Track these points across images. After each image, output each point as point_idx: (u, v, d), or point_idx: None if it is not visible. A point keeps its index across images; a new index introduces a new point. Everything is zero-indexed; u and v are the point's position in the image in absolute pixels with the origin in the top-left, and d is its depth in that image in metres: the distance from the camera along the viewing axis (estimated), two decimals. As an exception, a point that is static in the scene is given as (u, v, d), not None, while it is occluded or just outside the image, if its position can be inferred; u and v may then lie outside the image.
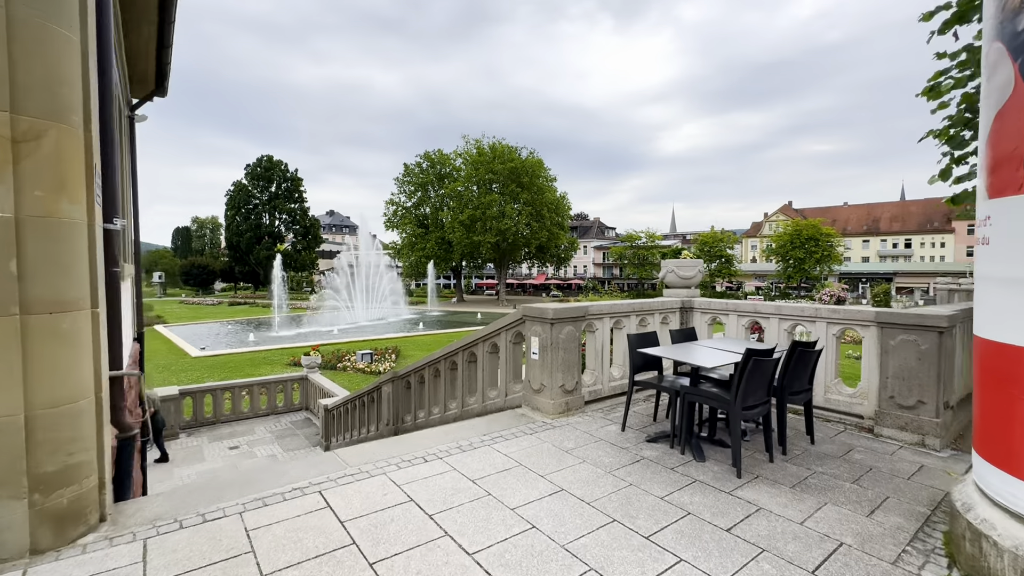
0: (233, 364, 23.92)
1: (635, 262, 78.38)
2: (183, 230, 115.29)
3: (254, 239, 75.75)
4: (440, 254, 61.77)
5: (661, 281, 6.91)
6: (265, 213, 77.52)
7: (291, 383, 12.19)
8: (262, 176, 77.35)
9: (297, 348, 28.11)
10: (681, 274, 6.95)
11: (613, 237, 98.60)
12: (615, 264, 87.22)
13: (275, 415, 11.94)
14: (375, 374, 21.74)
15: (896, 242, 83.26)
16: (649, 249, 78.25)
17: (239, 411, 11.41)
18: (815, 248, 62.72)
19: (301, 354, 24.01)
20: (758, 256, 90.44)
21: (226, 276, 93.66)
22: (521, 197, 58.45)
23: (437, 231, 62.22)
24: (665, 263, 7.29)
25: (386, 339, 31.79)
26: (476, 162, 59.05)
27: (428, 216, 65.54)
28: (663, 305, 6.40)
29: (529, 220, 59.90)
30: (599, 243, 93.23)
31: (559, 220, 64.48)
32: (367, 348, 27.52)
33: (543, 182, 61.26)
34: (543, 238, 61.18)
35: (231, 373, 21.94)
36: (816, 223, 64.44)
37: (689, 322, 6.70)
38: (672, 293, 7.08)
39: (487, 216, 56.22)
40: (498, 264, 65.80)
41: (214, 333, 36.80)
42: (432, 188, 65.90)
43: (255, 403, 11.62)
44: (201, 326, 41.51)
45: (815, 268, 64.07)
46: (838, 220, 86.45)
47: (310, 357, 12.33)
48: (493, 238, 56.59)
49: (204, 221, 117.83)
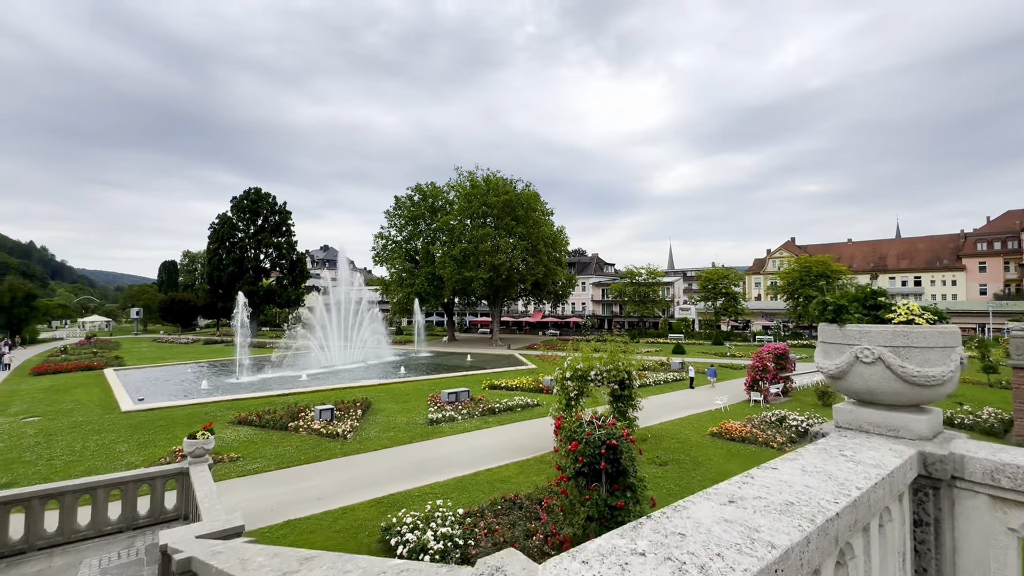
0: (165, 421, 19.84)
1: (636, 299, 74.93)
2: (169, 264, 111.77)
3: (237, 274, 72.13)
4: (430, 290, 58.24)
5: (828, 376, 2.81)
6: (250, 247, 74.21)
7: (162, 480, 8.28)
8: (248, 209, 74.48)
9: (251, 400, 24.05)
10: (911, 367, 2.61)
11: (612, 274, 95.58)
12: (615, 301, 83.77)
13: (132, 531, 7.94)
14: (332, 437, 17.73)
15: (905, 280, 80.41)
16: (651, 286, 74.98)
17: (73, 529, 7.45)
18: (826, 285, 59.54)
19: (229, 416, 19.77)
20: (763, 294, 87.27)
21: (208, 312, 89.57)
22: (516, 231, 55.49)
23: (428, 266, 58.89)
24: (849, 330, 2.80)
25: (358, 387, 27.72)
26: (469, 195, 56.38)
27: (419, 250, 62.36)
28: (868, 482, 1.99)
29: (524, 255, 56.77)
30: (598, 280, 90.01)
31: (556, 255, 61.39)
32: (333, 399, 23.51)
33: (539, 215, 58.49)
34: (539, 274, 57.85)
35: (155, 435, 17.88)
36: (825, 259, 61.55)
37: (945, 526, 2.45)
38: (873, 421, 2.76)
39: (480, 251, 53.04)
40: (492, 301, 62.18)
41: (166, 379, 32.61)
42: (424, 221, 63.04)
43: (99, 515, 7.66)
44: (159, 369, 37.30)
45: (827, 306, 60.71)
46: (843, 257, 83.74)
47: (196, 441, 8.47)
48: (486, 274, 53.22)
49: (196, 255, 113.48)
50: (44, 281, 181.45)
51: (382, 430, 18.90)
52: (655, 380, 30.26)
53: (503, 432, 19.06)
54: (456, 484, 13.49)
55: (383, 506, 12.00)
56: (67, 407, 22.68)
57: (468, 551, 9.31)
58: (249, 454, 15.86)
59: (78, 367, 34.72)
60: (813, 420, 19.27)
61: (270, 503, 12.25)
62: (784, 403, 24.58)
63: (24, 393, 26.25)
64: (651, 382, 29.49)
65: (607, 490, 7.95)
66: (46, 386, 28.39)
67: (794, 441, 17.52)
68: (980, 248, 75.62)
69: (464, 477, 14.04)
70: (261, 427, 19.00)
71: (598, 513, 7.73)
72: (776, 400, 25.27)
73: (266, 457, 15.60)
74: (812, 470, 2.11)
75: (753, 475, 2.05)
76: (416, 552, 9.07)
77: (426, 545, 9.10)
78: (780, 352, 25.89)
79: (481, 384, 29.03)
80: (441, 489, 13.12)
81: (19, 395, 25.73)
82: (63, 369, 33.75)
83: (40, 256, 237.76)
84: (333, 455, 15.93)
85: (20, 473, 13.96)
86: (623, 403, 17.08)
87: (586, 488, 8.07)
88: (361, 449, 16.58)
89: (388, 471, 14.54)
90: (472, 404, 22.61)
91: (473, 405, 22.41)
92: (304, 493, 12.88)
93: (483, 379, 30.88)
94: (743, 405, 24.06)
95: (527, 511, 11.29)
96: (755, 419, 19.61)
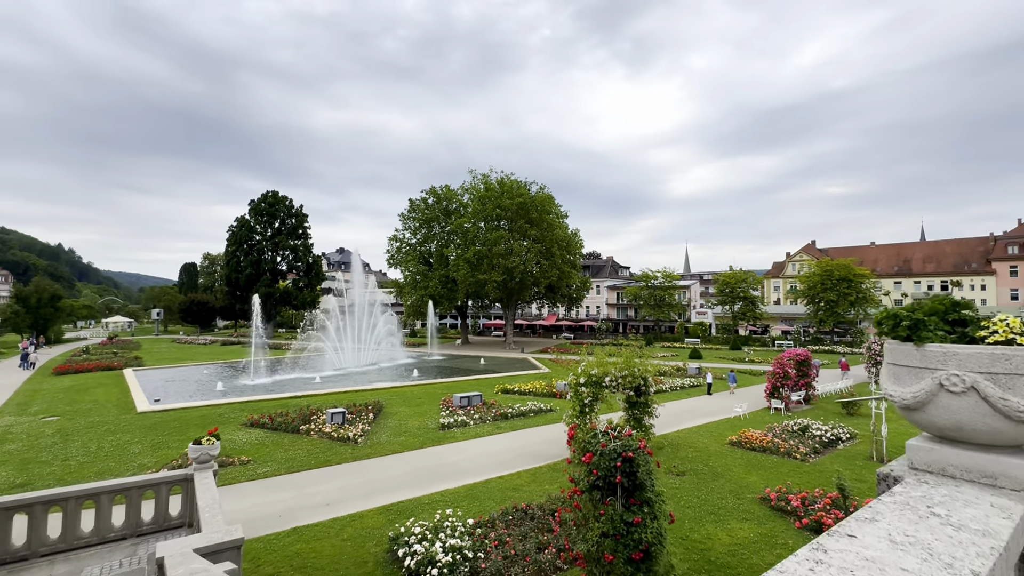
0: (179, 422, 19.93)
1: (652, 303, 73.94)
2: (189, 266, 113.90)
3: (254, 276, 73.12)
4: (444, 293, 58.19)
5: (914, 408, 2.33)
6: (267, 249, 75.23)
7: (167, 486, 8.12)
8: (266, 212, 75.55)
9: (264, 402, 24.10)
10: (1016, 400, 2.11)
11: (627, 277, 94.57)
12: (630, 305, 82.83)
13: (136, 538, 7.80)
14: (343, 441, 17.58)
15: (931, 284, 77.94)
16: (666, 289, 73.92)
17: (76, 535, 7.33)
18: (848, 290, 57.98)
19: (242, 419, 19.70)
20: (782, 298, 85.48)
21: (226, 314, 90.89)
22: (530, 233, 55.15)
23: (441, 269, 58.86)
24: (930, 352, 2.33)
25: (371, 391, 27.63)
26: (483, 197, 56.22)
27: (433, 253, 62.38)
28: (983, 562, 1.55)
29: (538, 257, 56.39)
30: (613, 283, 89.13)
31: (570, 258, 60.87)
32: (345, 402, 23.43)
33: (553, 218, 58.08)
34: (553, 277, 57.38)
35: (169, 437, 17.93)
36: (848, 263, 59.94)
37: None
38: (962, 464, 2.30)
39: (494, 253, 52.82)
40: (506, 304, 61.90)
41: (183, 379, 32.96)
42: (438, 224, 63.06)
43: (102, 521, 7.53)
44: (176, 370, 37.78)
45: (849, 311, 59.07)
46: (866, 260, 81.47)
47: (201, 447, 8.31)
48: (499, 276, 52.97)
49: (215, 257, 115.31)
50: (71, 282, 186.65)
51: (393, 434, 18.70)
52: (671, 386, 29.61)
53: (515, 438, 18.70)
54: (467, 492, 13.19)
55: (392, 514, 11.75)
56: (85, 407, 22.97)
57: (477, 564, 8.99)
58: (260, 457, 15.77)
59: (99, 367, 35.32)
60: (839, 430, 18.54)
61: (279, 508, 12.09)
62: (806, 411, 23.79)
63: (45, 392, 26.72)
64: (667, 388, 28.87)
65: (623, 505, 7.56)
66: (67, 385, 28.88)
67: (818, 452, 16.83)
68: (1011, 251, 72.97)
69: (475, 485, 13.73)
70: (273, 430, 18.95)
71: (613, 529, 7.34)
72: (798, 408, 24.48)
73: (277, 461, 15.48)
74: (903, 541, 1.66)
75: (827, 549, 1.61)
76: (424, 564, 8.78)
77: (434, 557, 8.80)
78: (802, 358, 25.08)
79: (494, 388, 28.72)
80: (451, 497, 12.83)
81: (40, 394, 26.19)
82: (84, 369, 34.37)
83: (67, 258, 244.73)
84: (343, 460, 15.76)
85: (36, 473, 14.05)
86: (639, 410, 16.62)
87: (601, 502, 7.68)
88: (372, 454, 16.38)
89: (398, 477, 14.30)
90: (484, 409, 22.30)
91: (485, 410, 22.11)
92: (313, 499, 12.69)
93: (496, 383, 30.57)
94: (763, 413, 23.34)
95: (539, 522, 10.93)
96: (776, 427, 18.94)
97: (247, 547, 10.16)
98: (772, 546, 10.22)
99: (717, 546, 10.22)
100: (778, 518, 11.58)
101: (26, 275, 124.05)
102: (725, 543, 10.33)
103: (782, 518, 11.57)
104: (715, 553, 9.93)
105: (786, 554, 10.24)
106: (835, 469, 14.30)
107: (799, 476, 14.41)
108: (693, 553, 9.92)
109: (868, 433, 18.81)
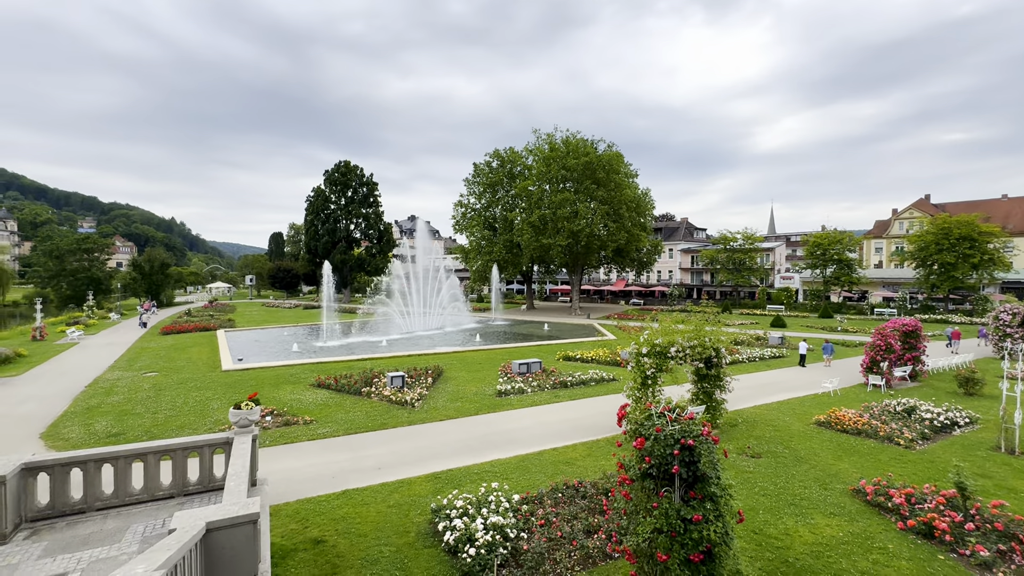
0: (255, 381, 21.22)
1: (730, 267, 68.86)
2: (276, 235, 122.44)
3: (331, 243, 76.90)
4: (509, 258, 57.65)
5: None
6: (342, 218, 78.48)
7: (209, 448, 8.17)
8: (339, 181, 78.45)
9: (332, 364, 25.10)
10: None
11: (704, 239, 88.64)
12: (706, 269, 77.86)
13: (183, 497, 7.93)
14: (401, 404, 17.74)
15: (1082, 242, 65.51)
16: (747, 252, 68.35)
17: (128, 492, 7.55)
18: (970, 250, 50.06)
19: (310, 379, 20.47)
20: (884, 260, 76.21)
21: (309, 279, 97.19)
22: (597, 195, 52.59)
23: (506, 233, 58.17)
24: None
25: (432, 355, 27.96)
26: (548, 158, 54.14)
27: (497, 218, 61.72)
28: None
29: (605, 220, 53.89)
30: (687, 246, 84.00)
31: (640, 220, 57.67)
32: (407, 366, 23.82)
33: (622, 178, 54.86)
34: (621, 240, 54.74)
35: (245, 394, 19.01)
36: (971, 219, 51.57)
37: None
38: None
39: (558, 216, 51.12)
40: (571, 269, 60.32)
41: (265, 340, 35.44)
42: (502, 188, 62.02)
43: (151, 480, 7.72)
44: (262, 331, 40.79)
45: (970, 275, 51.21)
46: (994, 216, 69.78)
47: (241, 412, 8.26)
48: (564, 240, 51.37)
49: (299, 227, 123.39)
50: (183, 252, 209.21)
51: (450, 399, 18.62)
52: (750, 356, 27.21)
53: (574, 408, 17.92)
54: (517, 463, 12.66)
55: (440, 481, 11.51)
56: (180, 364, 25.21)
57: (519, 545, 8.40)
58: (322, 417, 16.27)
59: (197, 328, 38.92)
60: (954, 413, 15.84)
61: (333, 470, 12.28)
62: (912, 389, 20.78)
63: (151, 350, 29.77)
64: (744, 358, 26.55)
65: (681, 498, 6.50)
66: (169, 344, 32.03)
67: (927, 438, 14.46)
68: None
69: (527, 456, 13.17)
70: (337, 391, 19.57)
71: (668, 526, 6.33)
72: (902, 385, 21.46)
73: (336, 422, 15.88)
74: None
75: None
76: (463, 541, 8.32)
77: (473, 535, 8.31)
78: (910, 329, 21.78)
79: (555, 355, 27.99)
80: (501, 467, 12.37)
81: (147, 351, 29.21)
82: (185, 329, 38.01)
83: (179, 230, 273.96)
84: (399, 423, 15.85)
85: (128, 425, 15.42)
86: (709, 383, 15.11)
87: (654, 493, 6.67)
88: (427, 419, 16.36)
89: (450, 444, 14.09)
90: (543, 376, 21.66)
91: (544, 377, 21.46)
92: (366, 462, 12.78)
93: (558, 350, 29.81)
94: (859, 389, 20.69)
95: (591, 501, 10.15)
96: (874, 407, 16.57)
97: (297, 508, 10.34)
98: (867, 550, 8.70)
99: (797, 544, 8.88)
100: (875, 515, 9.92)
101: (147, 246, 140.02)
102: (807, 541, 8.96)
103: (880, 516, 9.90)
104: (794, 553, 8.61)
105: (885, 560, 8.66)
106: (950, 460, 12.09)
107: (903, 466, 12.38)
108: (767, 551, 8.67)
109: (994, 418, 15.93)
